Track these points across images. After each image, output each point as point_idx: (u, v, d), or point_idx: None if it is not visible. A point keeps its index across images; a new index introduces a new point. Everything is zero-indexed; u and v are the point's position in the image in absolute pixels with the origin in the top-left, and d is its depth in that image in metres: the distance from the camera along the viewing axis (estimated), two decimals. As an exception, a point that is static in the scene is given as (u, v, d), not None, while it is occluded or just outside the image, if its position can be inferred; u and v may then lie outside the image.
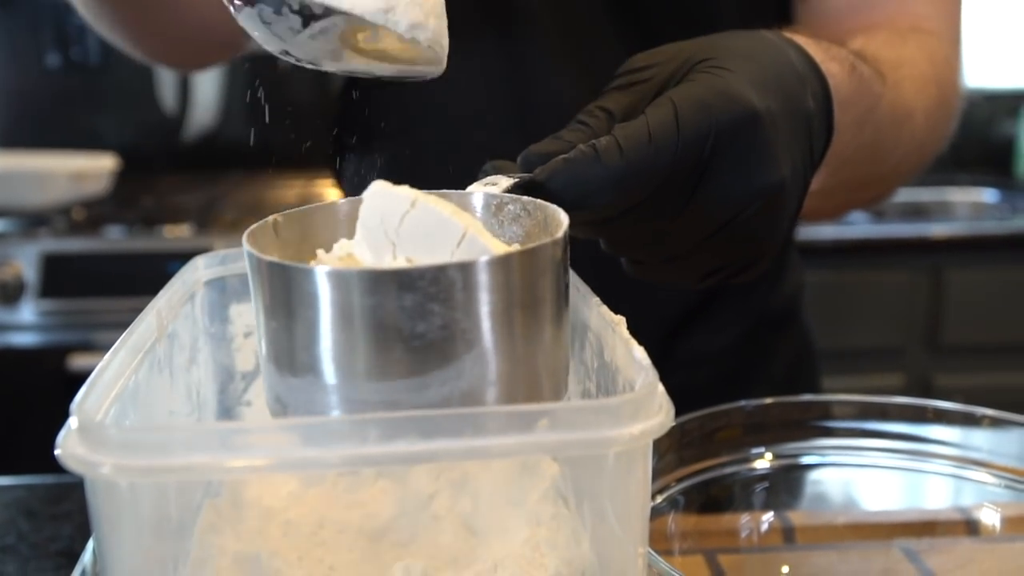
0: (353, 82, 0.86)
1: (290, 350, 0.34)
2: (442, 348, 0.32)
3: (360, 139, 0.82)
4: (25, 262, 1.69)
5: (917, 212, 2.20)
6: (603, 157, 0.40)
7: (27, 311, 1.69)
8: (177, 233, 1.74)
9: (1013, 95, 2.39)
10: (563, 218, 0.36)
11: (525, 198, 0.39)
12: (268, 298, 0.34)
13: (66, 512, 0.69)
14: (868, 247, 1.91)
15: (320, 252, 0.37)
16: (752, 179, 0.42)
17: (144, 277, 0.47)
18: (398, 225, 0.34)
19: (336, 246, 0.37)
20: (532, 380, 0.34)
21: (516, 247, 0.35)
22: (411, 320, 0.31)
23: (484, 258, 0.32)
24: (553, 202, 0.38)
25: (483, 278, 0.32)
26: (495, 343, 0.33)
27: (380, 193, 0.35)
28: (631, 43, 0.50)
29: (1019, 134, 2.34)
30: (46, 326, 1.69)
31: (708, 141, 0.41)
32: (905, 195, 2.19)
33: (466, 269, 0.32)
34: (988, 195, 2.27)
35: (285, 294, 0.33)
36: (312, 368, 0.33)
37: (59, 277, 1.69)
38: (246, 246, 0.35)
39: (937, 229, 1.96)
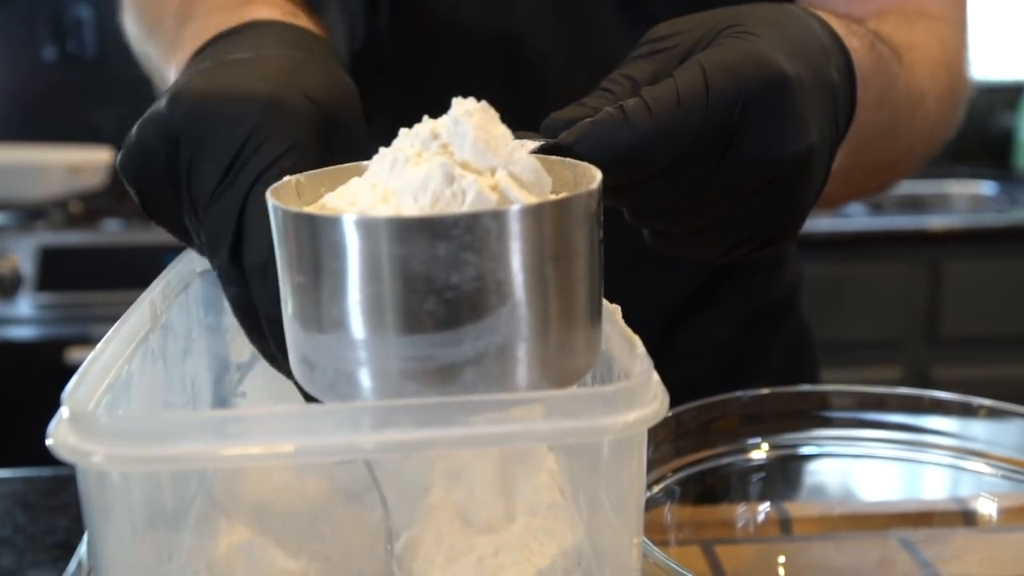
0: (352, 69, 0.86)
1: (317, 306, 0.32)
2: (476, 300, 0.31)
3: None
4: (22, 255, 1.69)
5: (915, 204, 2.20)
6: (632, 118, 0.39)
7: (24, 304, 1.69)
8: (174, 226, 1.73)
9: (1012, 87, 2.39)
10: (596, 172, 0.35)
11: (553, 157, 0.38)
12: (294, 252, 0.33)
13: (63, 504, 0.69)
14: (866, 239, 1.91)
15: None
16: (782, 144, 0.41)
17: (141, 270, 0.48)
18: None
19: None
20: (566, 336, 0.33)
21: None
22: (444, 270, 0.30)
23: (517, 206, 0.31)
24: None
25: (516, 227, 0.31)
26: (529, 296, 0.31)
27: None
28: (634, 28, 0.49)
29: (1018, 126, 2.34)
30: (43, 319, 1.69)
31: (737, 105, 0.40)
32: (903, 187, 2.18)
33: (500, 217, 0.31)
34: (986, 187, 2.27)
35: (312, 246, 0.32)
36: (340, 323, 0.32)
37: (56, 270, 1.69)
38: (270, 200, 0.34)
39: (935, 221, 1.96)
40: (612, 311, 0.36)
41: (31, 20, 2.18)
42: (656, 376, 0.31)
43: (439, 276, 0.31)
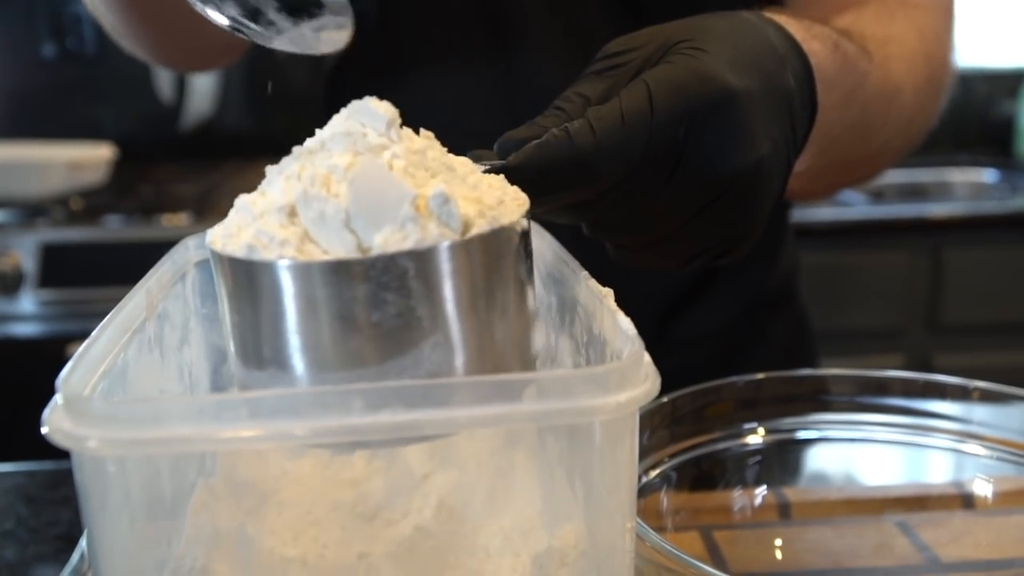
0: (339, 69, 0.86)
1: (255, 344, 0.34)
2: (399, 336, 0.32)
3: None
4: (24, 252, 1.69)
5: (916, 193, 2.20)
6: (575, 139, 0.40)
7: (26, 301, 1.69)
8: (175, 222, 1.73)
9: (1013, 74, 2.38)
10: (523, 201, 0.36)
11: (499, 177, 0.38)
12: (232, 293, 0.34)
13: (64, 497, 0.70)
14: (867, 228, 1.91)
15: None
16: (729, 159, 0.42)
17: (143, 266, 0.47)
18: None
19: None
20: (498, 367, 0.34)
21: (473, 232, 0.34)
22: (367, 309, 0.32)
23: (435, 245, 0.32)
24: (526, 187, 0.37)
25: (438, 265, 0.32)
26: (456, 329, 0.32)
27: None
28: (624, 27, 0.50)
29: (1019, 113, 2.33)
30: (45, 316, 1.69)
31: (683, 122, 0.41)
32: (904, 176, 2.18)
33: (419, 257, 0.32)
34: (988, 175, 2.26)
35: (247, 288, 0.33)
36: (276, 360, 0.33)
37: (58, 267, 1.69)
38: (208, 242, 0.35)
39: (937, 209, 1.95)
40: (604, 294, 0.37)
41: (30, 17, 2.18)
42: (647, 357, 0.31)
43: (361, 315, 0.32)
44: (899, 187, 2.17)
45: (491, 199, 0.35)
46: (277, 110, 2.20)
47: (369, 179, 0.33)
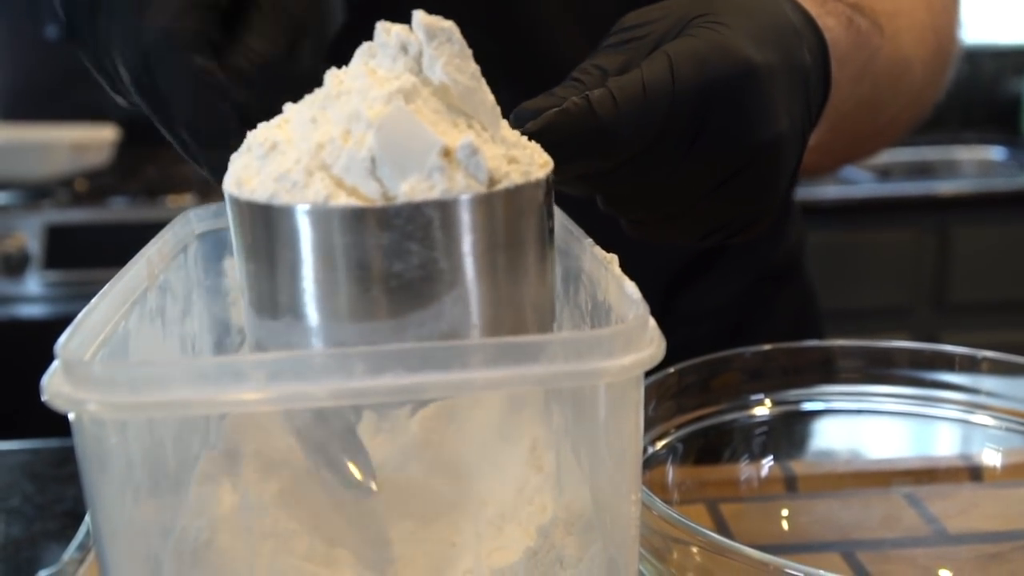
0: (341, 45, 0.85)
1: (270, 292, 0.33)
2: (420, 288, 0.31)
3: None
4: (29, 234, 1.69)
5: (924, 170, 2.19)
6: (597, 108, 0.40)
7: (32, 283, 1.69)
8: (180, 203, 1.73)
9: (1020, 51, 2.37)
10: (548, 161, 0.35)
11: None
12: (249, 239, 0.33)
13: (70, 474, 0.70)
14: (875, 206, 1.90)
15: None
16: (749, 133, 0.41)
17: (147, 246, 0.48)
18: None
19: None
20: (517, 324, 0.33)
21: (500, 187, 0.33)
22: (388, 259, 0.31)
23: (464, 196, 0.31)
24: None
25: (462, 216, 0.31)
26: (476, 284, 0.32)
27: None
28: (632, 4, 0.49)
29: (1027, 91, 2.32)
30: (51, 297, 1.69)
31: (704, 95, 0.40)
32: (912, 153, 2.17)
33: (444, 207, 0.31)
34: (995, 152, 2.25)
35: (265, 234, 0.32)
36: (292, 310, 0.32)
37: (63, 248, 1.69)
38: (226, 188, 0.34)
39: (944, 187, 1.95)
40: (609, 260, 0.36)
41: (33, -1, 2.18)
42: (653, 321, 0.31)
43: (383, 264, 0.31)
44: (906, 165, 2.16)
45: (519, 154, 0.34)
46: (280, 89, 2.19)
47: (396, 126, 0.32)
